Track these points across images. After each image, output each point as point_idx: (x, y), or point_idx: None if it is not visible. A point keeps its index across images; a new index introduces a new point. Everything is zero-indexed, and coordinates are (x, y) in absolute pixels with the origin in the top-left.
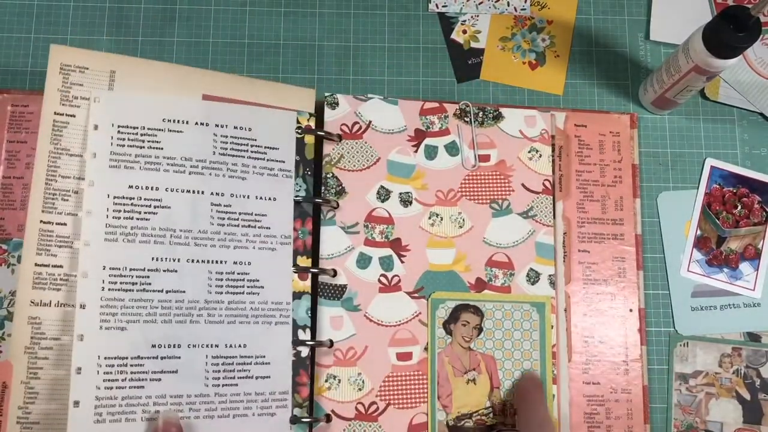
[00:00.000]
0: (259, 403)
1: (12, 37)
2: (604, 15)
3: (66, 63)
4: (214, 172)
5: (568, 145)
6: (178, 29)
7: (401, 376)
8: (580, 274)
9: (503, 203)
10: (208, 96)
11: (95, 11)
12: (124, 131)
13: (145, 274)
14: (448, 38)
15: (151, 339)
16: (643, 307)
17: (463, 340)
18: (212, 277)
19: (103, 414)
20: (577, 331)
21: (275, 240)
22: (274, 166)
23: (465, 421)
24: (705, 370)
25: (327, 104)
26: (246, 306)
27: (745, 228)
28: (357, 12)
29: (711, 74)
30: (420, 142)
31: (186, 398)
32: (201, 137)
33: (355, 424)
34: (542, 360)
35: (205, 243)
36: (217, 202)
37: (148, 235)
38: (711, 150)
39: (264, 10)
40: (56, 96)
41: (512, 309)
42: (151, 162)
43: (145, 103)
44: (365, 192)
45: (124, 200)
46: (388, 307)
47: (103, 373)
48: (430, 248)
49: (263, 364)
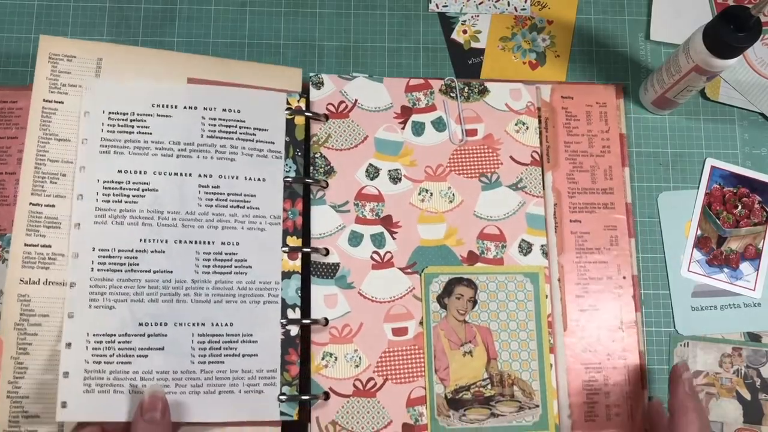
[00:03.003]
0: (245, 380)
1: (12, 37)
2: (604, 15)
3: (54, 52)
4: (202, 154)
5: (554, 117)
6: (178, 29)
7: (398, 351)
8: (572, 244)
9: (492, 176)
10: (194, 80)
11: (95, 11)
12: (114, 117)
13: (133, 255)
14: (449, 38)
15: (139, 317)
16: (636, 274)
17: (458, 313)
18: (199, 257)
19: (92, 385)
20: (572, 300)
21: (264, 220)
22: (263, 147)
23: (463, 393)
24: (705, 370)
25: (312, 84)
26: (233, 285)
27: (746, 228)
28: (357, 12)
29: (711, 74)
30: (407, 118)
31: (172, 374)
32: (189, 121)
33: (354, 401)
34: (538, 330)
35: (193, 224)
36: (205, 184)
37: (137, 218)
38: (711, 150)
39: (264, 10)
40: (45, 84)
41: (506, 280)
42: (139, 147)
43: (134, 90)
44: (354, 170)
45: (113, 184)
46: (382, 283)
47: (91, 349)
48: (421, 224)
49: (250, 342)
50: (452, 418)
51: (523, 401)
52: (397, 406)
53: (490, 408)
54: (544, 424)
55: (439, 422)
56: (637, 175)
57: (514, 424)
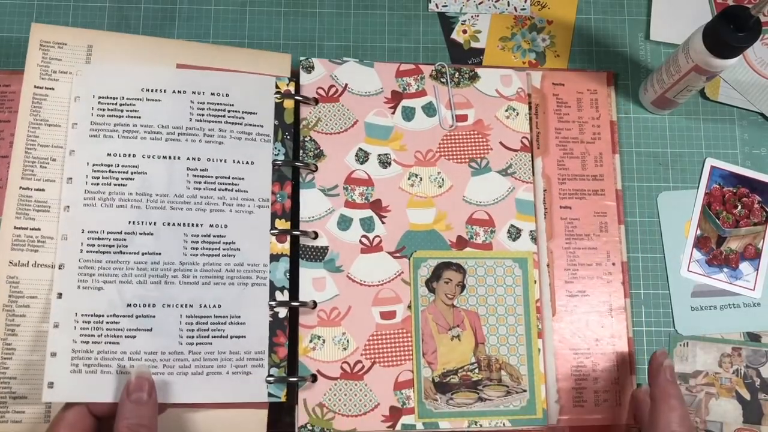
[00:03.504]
0: (233, 361)
1: (12, 37)
2: (604, 15)
3: (45, 40)
4: (191, 138)
5: (544, 104)
6: (178, 29)
7: (385, 334)
8: (562, 230)
9: (482, 162)
10: (183, 65)
11: (95, 11)
12: (104, 102)
13: (122, 237)
14: (448, 38)
15: (127, 298)
16: (626, 261)
17: (446, 298)
18: (188, 239)
19: (79, 365)
20: (561, 285)
21: (252, 203)
22: (252, 130)
23: (450, 377)
24: (705, 370)
25: (302, 68)
26: (221, 267)
27: (745, 228)
28: (357, 12)
29: (711, 74)
30: (397, 103)
31: (160, 355)
32: (178, 105)
33: (341, 383)
34: (526, 315)
35: (181, 207)
36: (194, 167)
37: (125, 200)
38: (711, 150)
39: (264, 10)
40: (36, 71)
41: (494, 265)
42: (129, 130)
43: (124, 74)
44: (344, 154)
45: (103, 167)
46: (371, 267)
47: (79, 329)
48: (410, 208)
49: (238, 324)
50: (439, 401)
51: (511, 386)
52: (384, 389)
53: (478, 392)
54: (531, 408)
55: (426, 405)
56: (636, 175)
57: (502, 408)
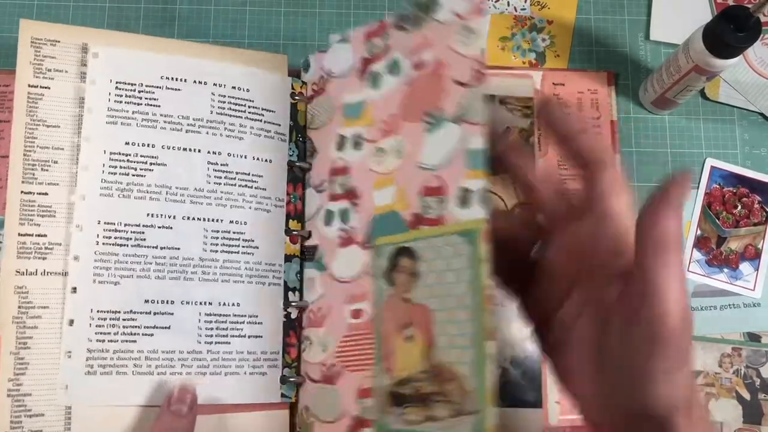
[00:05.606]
0: (250, 362)
1: (12, 37)
2: (604, 15)
3: (36, 36)
4: (212, 131)
5: None
6: (178, 29)
7: (355, 335)
8: None
9: (438, 113)
10: None
11: (95, 11)
12: (122, 87)
13: (140, 230)
14: None
15: (145, 294)
16: None
17: (402, 290)
18: (207, 235)
19: (94, 366)
20: None
21: (270, 202)
22: (270, 128)
23: (403, 387)
24: (705, 370)
25: (303, 70)
26: (240, 265)
27: (745, 228)
28: (357, 12)
29: (711, 74)
30: (365, 71)
31: (178, 354)
32: (199, 95)
33: (320, 388)
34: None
35: (201, 201)
36: (214, 161)
37: (144, 192)
38: (711, 150)
39: (264, 10)
40: (29, 69)
41: (443, 244)
42: (148, 119)
43: (144, 60)
44: (329, 147)
45: (120, 156)
46: (345, 262)
47: (95, 326)
48: (376, 190)
49: (255, 323)
50: (393, 415)
51: (460, 405)
52: (350, 397)
53: (429, 408)
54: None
55: (384, 418)
56: (637, 175)
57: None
